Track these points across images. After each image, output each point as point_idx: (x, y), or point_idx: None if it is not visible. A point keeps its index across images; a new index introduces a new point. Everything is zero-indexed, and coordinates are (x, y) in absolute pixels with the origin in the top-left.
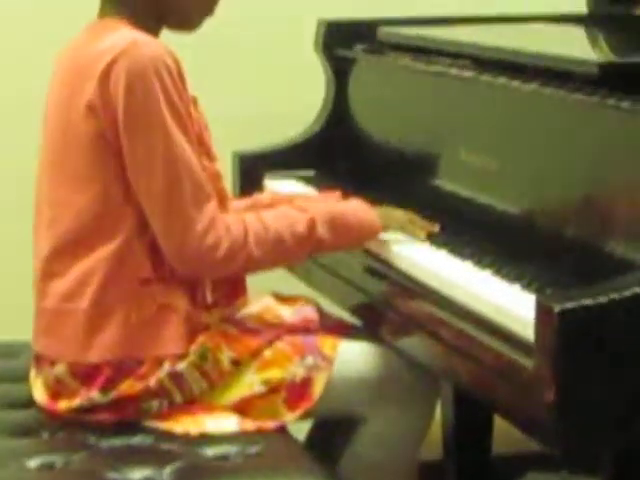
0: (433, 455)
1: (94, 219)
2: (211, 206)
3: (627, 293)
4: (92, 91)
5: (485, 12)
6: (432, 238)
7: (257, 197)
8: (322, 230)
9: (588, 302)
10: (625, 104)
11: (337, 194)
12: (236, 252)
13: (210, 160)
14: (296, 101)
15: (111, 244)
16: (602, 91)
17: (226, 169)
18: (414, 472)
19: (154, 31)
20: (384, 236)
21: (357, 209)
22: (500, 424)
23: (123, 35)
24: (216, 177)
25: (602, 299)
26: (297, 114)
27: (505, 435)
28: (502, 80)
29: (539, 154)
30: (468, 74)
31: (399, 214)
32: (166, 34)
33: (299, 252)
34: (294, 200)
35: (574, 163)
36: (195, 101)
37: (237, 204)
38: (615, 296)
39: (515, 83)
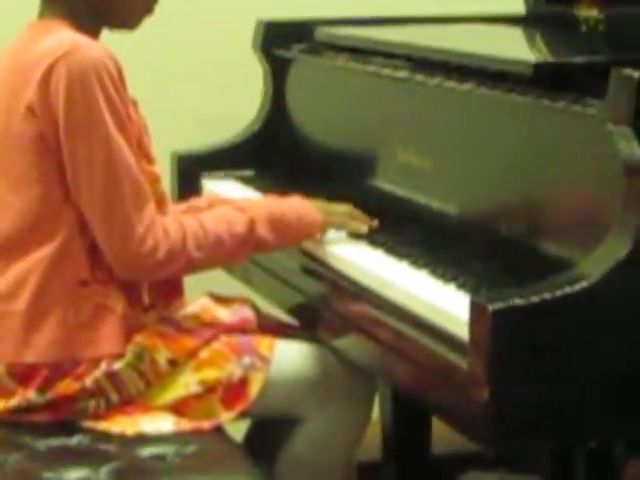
0: (372, 455)
1: (33, 220)
2: (150, 209)
3: (560, 292)
4: (32, 93)
5: (422, 12)
6: (369, 237)
7: (194, 201)
8: (262, 230)
9: (521, 302)
10: (559, 104)
11: (272, 198)
12: (175, 254)
13: (149, 163)
14: (234, 101)
15: (49, 245)
16: (537, 91)
17: (164, 169)
18: (352, 472)
19: (94, 31)
20: (321, 235)
21: (297, 206)
22: (438, 424)
23: (63, 37)
24: (155, 180)
25: (535, 299)
26: (235, 114)
27: (444, 434)
28: (438, 80)
29: (474, 154)
30: (405, 74)
31: (339, 208)
32: (105, 34)
33: (239, 253)
34: (233, 201)
35: (510, 163)
36: (135, 104)
37: (174, 208)
38: (548, 296)
39: (451, 83)
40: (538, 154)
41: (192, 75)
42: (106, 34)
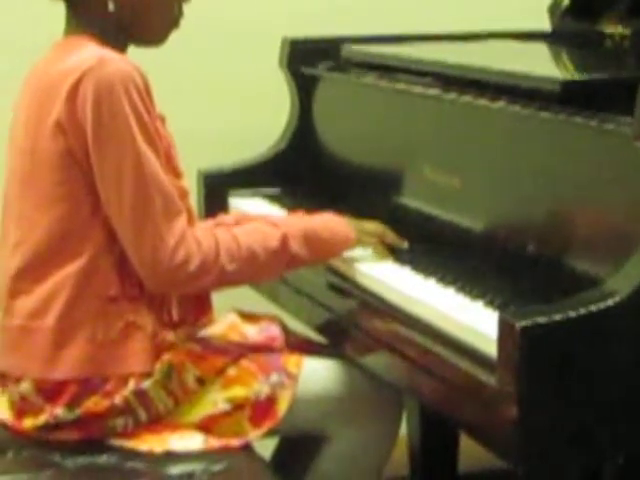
0: (399, 471)
1: (60, 237)
2: (181, 221)
3: (588, 309)
4: (60, 109)
5: (450, 29)
6: (396, 255)
7: (221, 218)
8: (295, 245)
9: (550, 319)
10: (587, 121)
11: (301, 214)
12: (208, 267)
13: (177, 177)
14: (261, 119)
15: (78, 261)
16: (565, 108)
17: (191, 187)
18: None
19: (120, 47)
20: (348, 253)
21: (330, 222)
22: (466, 441)
23: (90, 52)
24: (183, 194)
25: (564, 316)
26: (262, 132)
27: (471, 452)
28: (466, 98)
29: (502, 171)
30: (432, 92)
31: (372, 227)
32: (131, 50)
33: (272, 268)
34: (264, 217)
35: (537, 180)
36: (163, 119)
37: (201, 225)
38: (577, 313)
39: (478, 101)
40: (566, 171)
41: (219, 92)
42: (132, 51)
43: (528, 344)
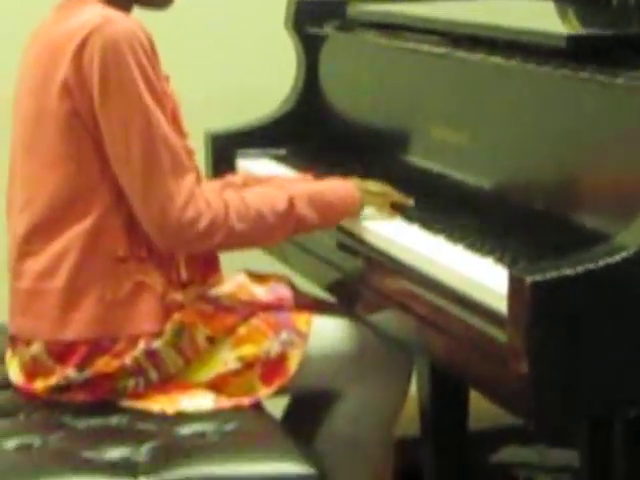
0: (410, 432)
1: (68, 197)
2: (190, 179)
3: (598, 264)
4: (66, 69)
5: None
6: (404, 213)
7: (229, 178)
8: (302, 207)
9: (560, 274)
10: (594, 76)
11: (310, 176)
12: (217, 226)
13: (182, 137)
14: (268, 79)
15: (85, 222)
16: (571, 64)
17: (199, 148)
18: (390, 448)
19: (125, 8)
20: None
21: (336, 185)
22: (476, 398)
23: (95, 12)
24: (189, 154)
25: (574, 271)
26: (269, 92)
27: (481, 409)
28: (472, 55)
29: (509, 128)
30: (438, 50)
31: (377, 188)
32: (135, 9)
33: (280, 230)
34: (271, 179)
35: (544, 137)
36: (167, 79)
37: (209, 185)
38: (586, 267)
39: (485, 58)
40: (573, 127)
41: (225, 52)
42: (136, 10)
43: (538, 299)
